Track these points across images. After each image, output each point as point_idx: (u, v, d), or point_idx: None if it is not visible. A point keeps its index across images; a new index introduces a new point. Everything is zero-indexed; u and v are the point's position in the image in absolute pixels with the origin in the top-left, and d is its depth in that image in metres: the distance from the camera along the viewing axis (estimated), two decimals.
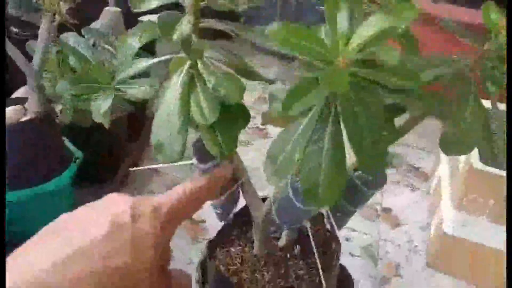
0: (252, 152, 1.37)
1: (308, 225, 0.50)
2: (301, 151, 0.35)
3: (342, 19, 0.32)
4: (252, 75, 0.45)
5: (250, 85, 0.41)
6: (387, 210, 1.26)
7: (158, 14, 0.38)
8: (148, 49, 0.50)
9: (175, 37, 0.37)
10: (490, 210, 0.91)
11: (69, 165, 0.92)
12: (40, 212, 0.91)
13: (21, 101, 0.90)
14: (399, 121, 0.43)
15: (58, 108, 0.96)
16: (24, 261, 0.27)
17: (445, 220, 1.00)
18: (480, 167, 0.89)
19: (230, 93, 0.38)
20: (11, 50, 0.84)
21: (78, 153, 0.96)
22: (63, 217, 0.32)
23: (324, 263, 0.58)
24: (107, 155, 1.13)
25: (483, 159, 0.91)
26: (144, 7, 0.41)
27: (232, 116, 0.43)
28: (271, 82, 0.47)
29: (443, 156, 1.26)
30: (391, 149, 0.50)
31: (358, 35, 0.32)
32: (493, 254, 0.96)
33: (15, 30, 1.25)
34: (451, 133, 0.35)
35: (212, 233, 0.62)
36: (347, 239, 1.13)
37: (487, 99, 0.38)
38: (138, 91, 0.84)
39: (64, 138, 0.97)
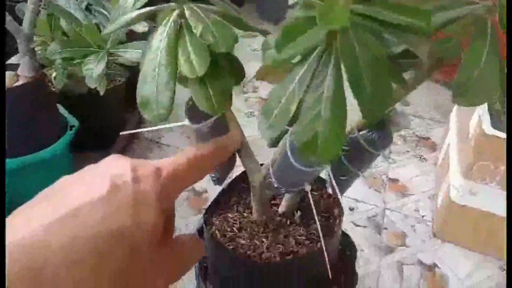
0: (256, 123, 1.33)
1: (308, 188, 0.47)
2: (297, 100, 0.32)
3: None
4: (246, 26, 0.41)
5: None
6: (394, 181, 1.23)
7: None
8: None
9: None
10: (500, 177, 0.88)
11: (65, 133, 0.89)
12: (37, 179, 0.89)
13: (14, 67, 0.87)
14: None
15: (52, 74, 0.93)
16: (20, 221, 0.25)
17: (453, 188, 0.97)
18: (491, 132, 0.85)
19: (219, 41, 0.35)
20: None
21: (74, 121, 0.93)
22: (63, 179, 0.29)
23: (326, 228, 0.56)
24: (105, 123, 1.10)
25: (494, 123, 0.87)
26: None
27: (224, 70, 0.40)
28: (266, 34, 0.44)
29: (452, 124, 1.22)
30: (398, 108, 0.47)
31: None
32: (502, 222, 0.93)
33: None
34: (464, 81, 0.31)
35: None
36: (351, 209, 1.11)
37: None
38: (132, 54, 0.81)
39: (59, 105, 0.95)
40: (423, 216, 1.10)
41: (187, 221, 1.04)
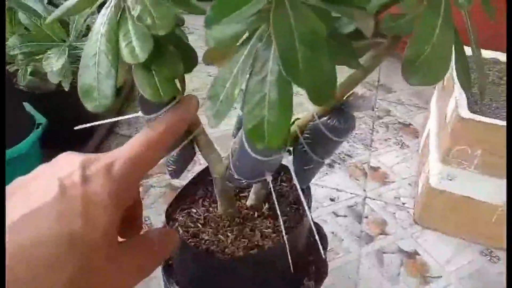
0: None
1: (269, 178, 0.45)
2: (241, 84, 0.30)
3: None
4: (192, 6, 0.39)
5: None
6: (375, 169, 1.22)
7: None
8: None
9: None
10: (478, 161, 0.87)
11: (31, 131, 0.87)
12: (5, 179, 0.86)
13: None
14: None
15: (14, 70, 0.90)
16: None
17: (432, 174, 0.96)
18: (467, 116, 0.84)
19: (157, 22, 0.32)
20: None
21: (42, 119, 0.90)
22: (17, 181, 0.28)
23: (294, 220, 0.54)
24: (76, 120, 1.07)
25: (471, 107, 0.86)
26: None
27: (172, 55, 0.37)
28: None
29: (433, 110, 1.21)
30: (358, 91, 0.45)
31: None
32: (481, 207, 0.92)
33: None
34: (414, 58, 0.29)
35: None
36: (332, 199, 1.09)
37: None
38: None
39: (26, 103, 0.92)
40: (403, 204, 1.10)
41: (160, 216, 1.01)
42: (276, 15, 0.24)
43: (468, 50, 0.33)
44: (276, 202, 0.45)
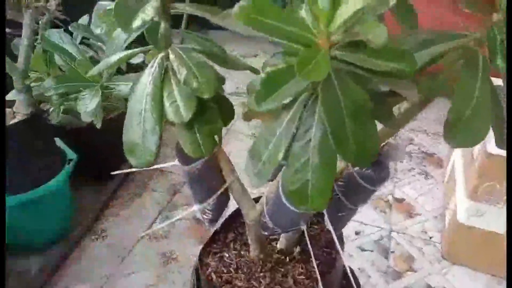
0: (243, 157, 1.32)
1: (304, 227, 0.46)
2: (284, 148, 0.31)
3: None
4: (233, 63, 0.40)
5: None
6: (399, 200, 1.20)
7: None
8: None
9: (135, 25, 0.32)
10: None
11: (63, 168, 0.89)
12: (37, 214, 0.88)
13: (10, 104, 0.86)
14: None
15: (49, 108, 0.93)
16: None
17: (460, 210, 0.94)
18: (495, 152, 0.83)
19: (202, 86, 0.34)
20: None
21: (72, 155, 0.92)
22: None
23: (327, 264, 0.54)
24: (104, 155, 1.09)
25: (498, 143, 0.85)
26: None
27: (213, 111, 0.39)
28: (255, 71, 0.43)
29: None
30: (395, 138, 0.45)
31: (341, 13, 0.27)
32: None
33: (8, 30, 1.21)
34: (454, 122, 0.29)
35: None
36: (357, 233, 1.08)
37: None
38: (126, 87, 0.81)
39: (57, 139, 0.94)
40: (430, 238, 1.08)
41: (186, 250, 1.02)
42: (324, 90, 0.25)
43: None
44: (310, 248, 0.45)
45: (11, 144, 0.83)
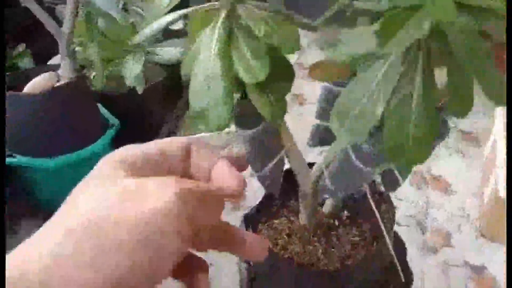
0: (289, 121, 1.31)
1: (367, 187, 0.45)
2: (385, 101, 0.30)
3: None
4: (300, 23, 0.39)
5: None
6: (436, 177, 1.18)
7: None
8: None
9: None
10: None
11: (105, 132, 0.90)
12: (78, 178, 0.90)
13: (55, 68, 0.87)
14: None
15: (91, 74, 0.93)
16: (76, 205, 0.25)
17: (501, 185, 0.92)
18: None
19: (286, 41, 0.32)
20: (43, 16, 0.81)
21: (114, 120, 0.93)
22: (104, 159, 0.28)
23: (379, 228, 0.53)
24: (144, 122, 1.11)
25: None
26: None
27: (280, 74, 0.38)
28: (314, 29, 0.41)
29: (498, 115, 1.16)
30: None
31: None
32: None
33: None
34: None
35: (250, 200, 0.57)
36: None
37: None
38: (169, 52, 0.81)
39: (99, 105, 0.95)
40: (468, 215, 1.06)
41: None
42: (453, 38, 0.24)
43: None
44: (374, 208, 0.45)
45: (55, 106, 0.84)
